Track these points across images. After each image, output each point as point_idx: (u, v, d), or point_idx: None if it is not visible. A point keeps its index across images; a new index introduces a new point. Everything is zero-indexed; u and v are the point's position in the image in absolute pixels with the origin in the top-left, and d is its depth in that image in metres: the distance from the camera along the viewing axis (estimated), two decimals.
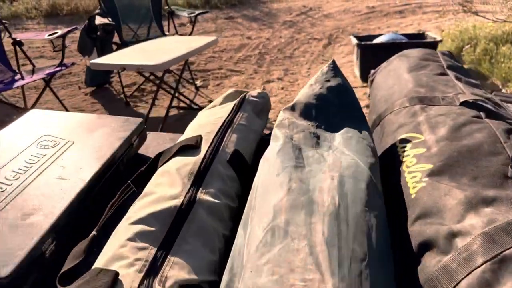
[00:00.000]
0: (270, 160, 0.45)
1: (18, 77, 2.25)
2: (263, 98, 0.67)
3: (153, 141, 0.72)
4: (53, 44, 2.30)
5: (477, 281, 0.30)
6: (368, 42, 2.92)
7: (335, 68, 0.59)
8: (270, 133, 0.63)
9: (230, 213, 0.45)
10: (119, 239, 0.37)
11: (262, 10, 6.29)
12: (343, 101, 0.55)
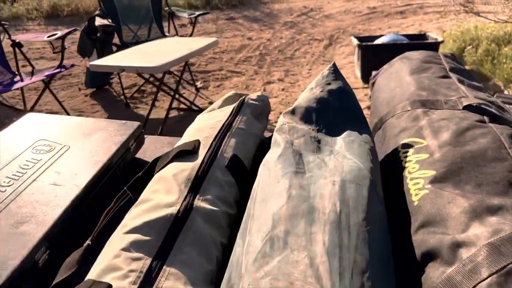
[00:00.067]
0: (270, 166, 0.44)
1: (17, 78, 2.24)
2: (263, 101, 0.66)
3: (151, 145, 0.71)
4: (52, 45, 2.29)
5: None
6: (369, 43, 2.91)
7: (335, 71, 0.58)
8: (270, 136, 0.62)
9: (228, 221, 0.44)
10: (113, 249, 0.36)
11: (263, 10, 6.29)
12: (344, 105, 0.54)
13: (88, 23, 2.78)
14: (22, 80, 2.20)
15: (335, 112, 0.53)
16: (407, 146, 0.49)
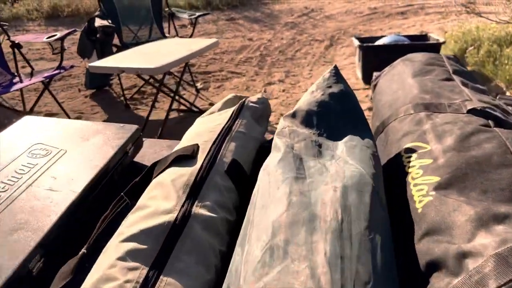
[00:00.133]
0: (270, 171, 0.43)
1: (16, 80, 2.24)
2: (263, 104, 0.65)
3: (150, 148, 0.70)
4: (52, 46, 2.28)
5: None
6: (370, 44, 2.90)
7: (337, 74, 0.57)
8: (270, 139, 0.61)
9: (227, 227, 0.43)
10: (109, 258, 0.35)
11: (264, 11, 6.28)
12: (345, 108, 0.53)
13: (88, 24, 2.77)
14: (21, 81, 2.20)
15: (336, 116, 0.52)
16: (410, 150, 0.48)
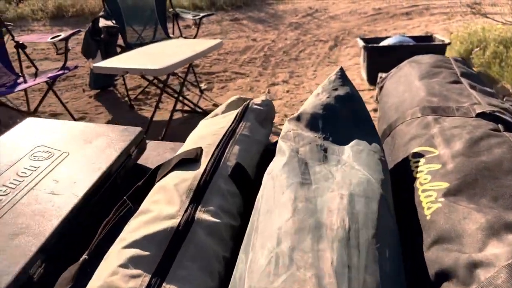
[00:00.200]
0: (274, 176, 0.43)
1: (20, 80, 2.24)
2: (267, 106, 0.64)
3: (153, 150, 0.70)
4: (56, 47, 2.28)
5: None
6: (375, 45, 2.89)
7: (343, 76, 0.56)
8: (275, 142, 0.60)
9: (231, 233, 0.43)
10: (111, 265, 0.35)
11: (268, 11, 6.27)
12: (352, 111, 0.52)
13: (92, 24, 2.78)
14: (25, 81, 2.20)
15: (342, 119, 0.51)
16: (418, 155, 0.47)
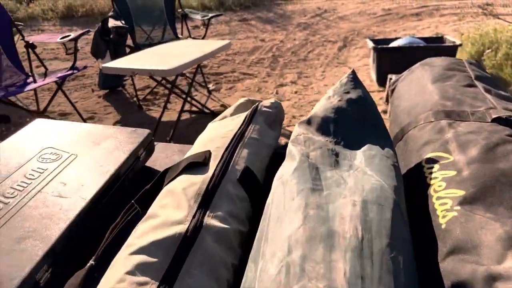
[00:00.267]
0: (284, 181, 0.42)
1: (30, 80, 2.25)
2: (276, 108, 0.63)
3: (161, 153, 0.69)
4: (65, 47, 2.30)
5: None
6: (385, 46, 2.86)
7: (355, 79, 0.55)
8: (284, 145, 0.59)
9: (240, 239, 0.42)
10: (118, 272, 0.34)
11: (276, 12, 6.26)
12: (364, 115, 0.51)
13: (102, 25, 2.79)
14: (35, 81, 2.21)
15: (354, 123, 0.50)
16: (432, 161, 0.46)
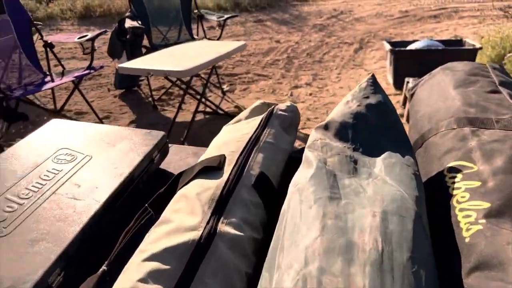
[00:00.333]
0: (301, 189, 0.41)
1: (48, 79, 2.29)
2: (292, 112, 0.62)
3: (176, 155, 0.68)
4: (83, 46, 2.32)
5: None
6: (402, 48, 2.82)
7: (374, 84, 0.54)
8: (299, 149, 0.58)
9: (254, 247, 0.41)
10: (130, 279, 0.33)
11: (292, 13, 6.24)
12: (384, 121, 0.50)
13: (119, 25, 2.81)
14: (52, 80, 2.24)
15: (373, 129, 0.49)
16: (455, 170, 0.45)
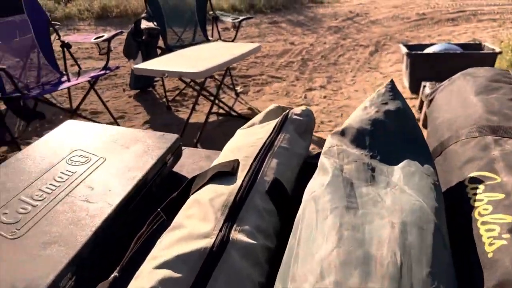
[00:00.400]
0: (316, 197, 0.40)
1: (64, 78, 2.32)
2: (307, 117, 0.61)
3: (189, 158, 0.68)
4: (99, 47, 2.35)
5: None
6: (419, 52, 2.78)
7: (393, 89, 0.53)
8: (314, 155, 0.57)
9: (267, 255, 0.40)
10: (141, 286, 0.33)
11: (307, 15, 6.22)
12: (403, 128, 0.48)
13: (135, 26, 2.84)
14: (69, 80, 2.28)
15: (392, 137, 0.47)
16: (476, 180, 0.43)
